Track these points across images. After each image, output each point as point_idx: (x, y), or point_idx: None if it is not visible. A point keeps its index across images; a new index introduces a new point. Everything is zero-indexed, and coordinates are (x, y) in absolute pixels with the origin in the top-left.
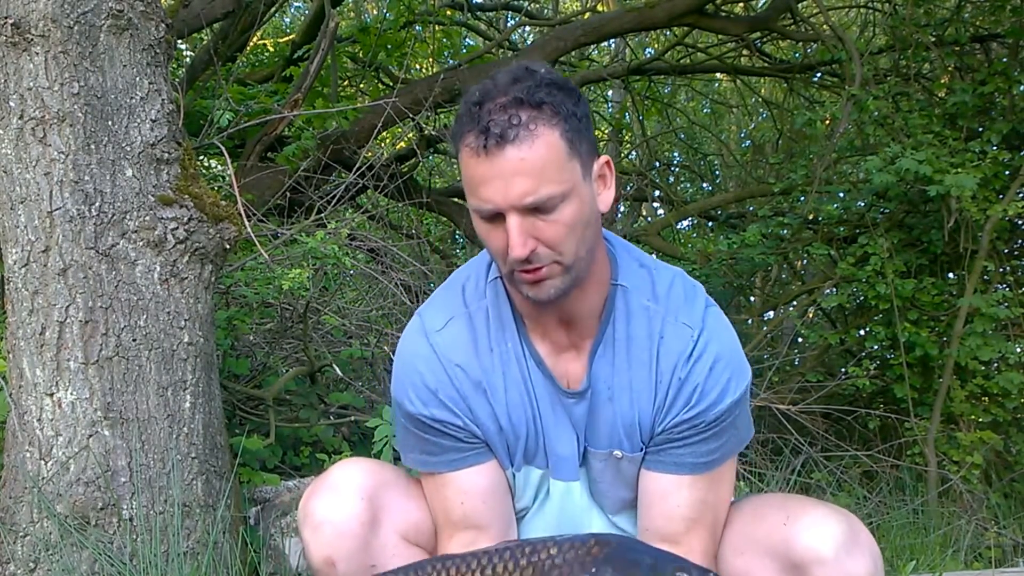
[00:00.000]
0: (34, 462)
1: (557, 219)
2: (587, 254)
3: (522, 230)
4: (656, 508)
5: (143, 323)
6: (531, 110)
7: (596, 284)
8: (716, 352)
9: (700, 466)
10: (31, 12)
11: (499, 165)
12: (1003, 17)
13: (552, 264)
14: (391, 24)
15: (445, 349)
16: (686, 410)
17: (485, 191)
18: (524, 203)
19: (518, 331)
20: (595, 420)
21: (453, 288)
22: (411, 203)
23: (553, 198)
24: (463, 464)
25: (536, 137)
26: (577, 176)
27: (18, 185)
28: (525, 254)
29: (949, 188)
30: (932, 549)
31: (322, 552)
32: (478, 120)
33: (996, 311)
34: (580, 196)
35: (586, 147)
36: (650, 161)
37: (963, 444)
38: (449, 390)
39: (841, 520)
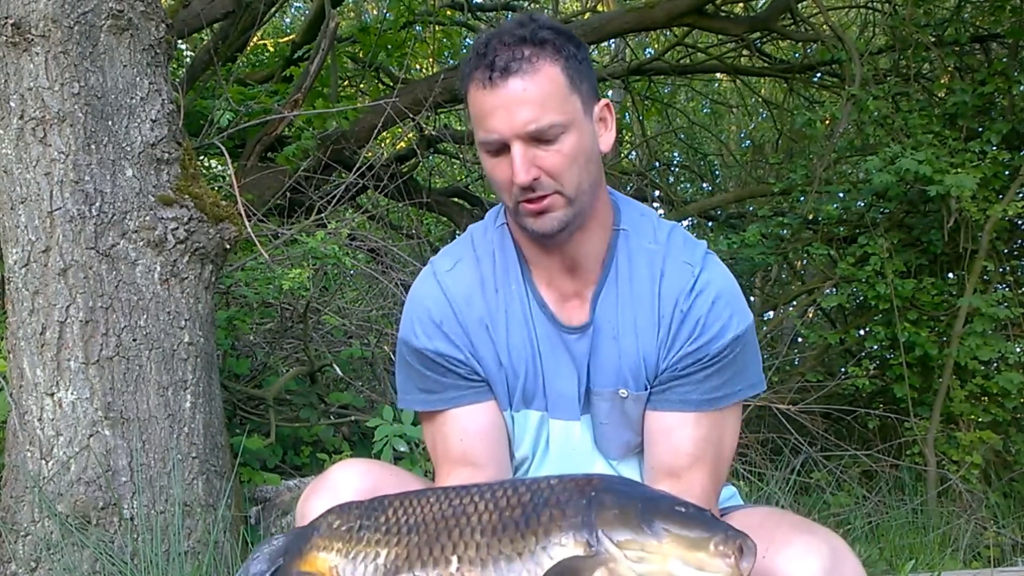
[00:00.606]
0: (35, 462)
1: (559, 149)
2: (589, 189)
3: (525, 158)
4: (660, 445)
5: (143, 323)
6: (534, 47)
7: (599, 227)
8: (717, 288)
9: (705, 403)
10: (31, 12)
11: (503, 95)
12: (1003, 17)
13: (554, 195)
14: (391, 24)
15: (451, 286)
16: (689, 343)
17: (491, 121)
18: (527, 130)
19: (523, 275)
20: (599, 359)
21: (464, 236)
22: (411, 203)
23: (555, 126)
24: (463, 401)
25: (538, 70)
26: (578, 110)
27: (18, 185)
28: (528, 180)
29: (949, 188)
30: (931, 548)
31: None
32: (485, 55)
33: (996, 311)
34: (581, 130)
35: (587, 87)
36: (650, 161)
37: (962, 444)
38: (453, 324)
39: (823, 552)
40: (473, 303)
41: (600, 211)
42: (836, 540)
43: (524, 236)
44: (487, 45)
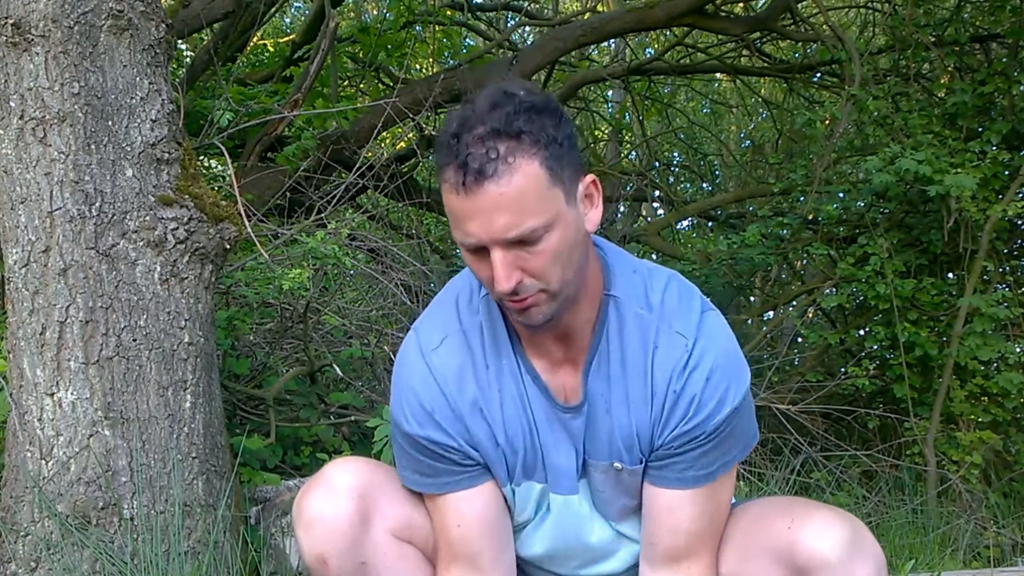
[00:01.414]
0: (35, 462)
1: (542, 249)
2: (575, 277)
3: (506, 263)
4: (660, 522)
5: (143, 323)
6: (509, 140)
7: (588, 298)
8: (712, 361)
9: (702, 478)
10: (31, 12)
11: (479, 201)
12: (1003, 17)
13: (539, 293)
14: (391, 24)
15: (441, 368)
16: (684, 422)
17: (468, 226)
18: (507, 237)
19: (513, 347)
20: (593, 432)
21: (447, 303)
22: (411, 203)
23: (536, 230)
24: (458, 487)
25: (515, 170)
26: (560, 204)
27: (18, 185)
28: (511, 287)
29: (949, 188)
30: (931, 548)
31: (314, 550)
32: (456, 154)
33: (996, 311)
34: (564, 223)
35: (569, 171)
36: (650, 161)
37: (962, 444)
38: (445, 411)
39: (845, 525)
40: (465, 385)
41: (589, 284)
42: (856, 519)
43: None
44: (459, 138)
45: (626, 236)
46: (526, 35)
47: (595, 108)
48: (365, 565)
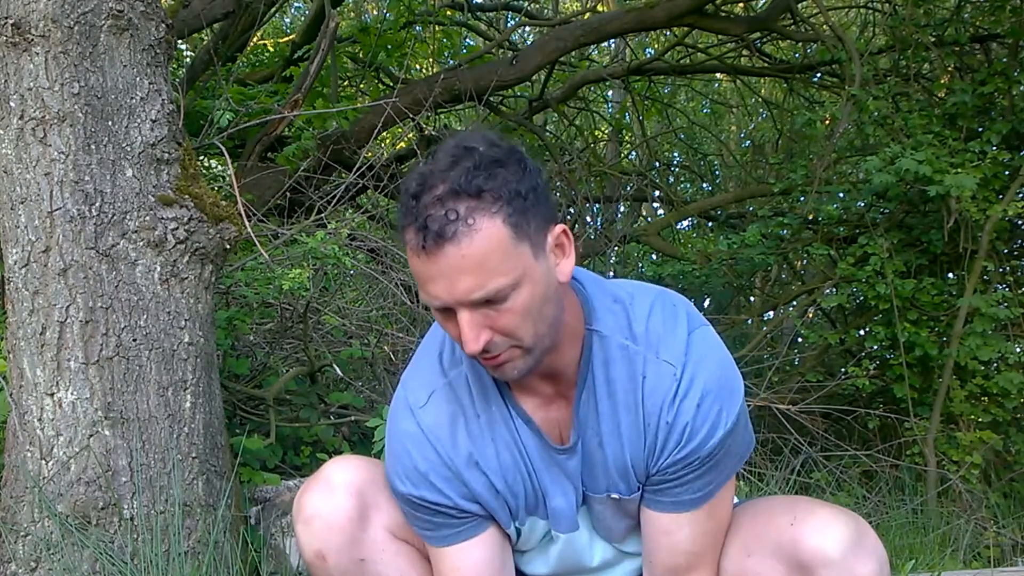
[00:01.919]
0: (35, 462)
1: (510, 308)
2: (549, 330)
3: (473, 324)
4: (659, 543)
5: (143, 323)
6: (469, 200)
7: (569, 338)
8: (703, 387)
9: (698, 500)
10: (31, 12)
11: (440, 264)
12: (1003, 17)
13: (511, 349)
14: (391, 24)
15: (432, 426)
16: (678, 450)
17: (431, 288)
18: (471, 299)
19: (500, 392)
20: (589, 467)
21: (430, 357)
22: None
23: (502, 290)
24: (456, 539)
25: (476, 231)
26: (527, 259)
27: (18, 185)
28: (478, 349)
29: (949, 188)
30: (931, 548)
31: (312, 546)
32: (416, 216)
33: (996, 311)
34: (532, 279)
35: (536, 224)
36: (650, 161)
37: (962, 444)
38: (440, 470)
39: (848, 522)
40: (458, 439)
41: (569, 325)
42: (857, 516)
43: None
44: (417, 199)
45: (626, 236)
46: (526, 35)
47: (595, 108)
48: (364, 562)
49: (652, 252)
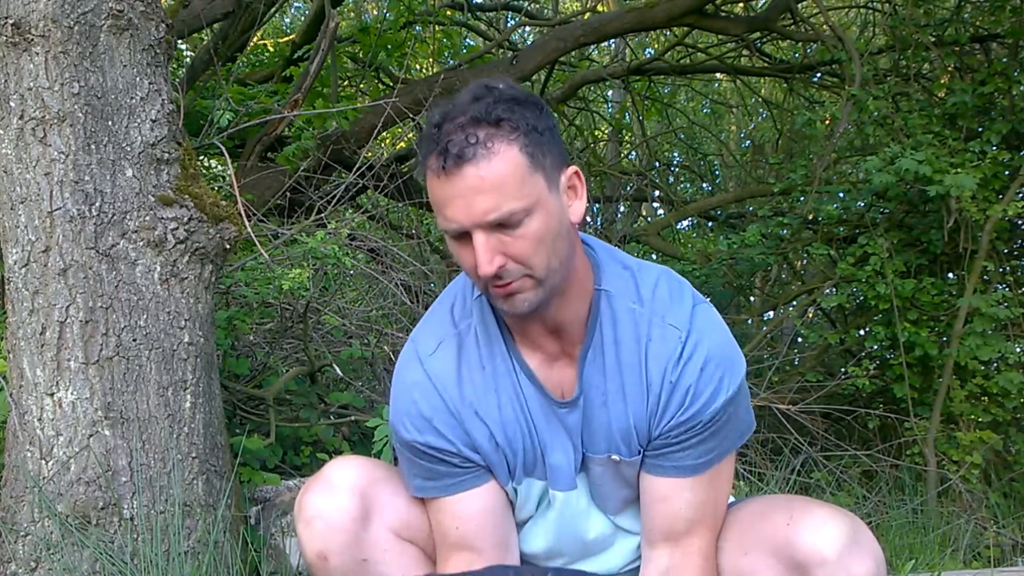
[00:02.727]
0: (35, 462)
1: (523, 234)
2: (560, 266)
3: (488, 247)
4: (658, 510)
5: (143, 323)
6: (488, 128)
7: (578, 291)
8: (706, 352)
9: (700, 466)
10: (31, 12)
11: (459, 184)
12: (1003, 17)
13: (523, 278)
14: (391, 24)
15: (438, 373)
16: (680, 413)
17: (449, 211)
18: (487, 220)
19: (507, 346)
20: (591, 426)
21: (442, 310)
22: (411, 203)
23: (516, 213)
24: (458, 488)
25: (494, 154)
26: (541, 190)
27: (18, 185)
28: (492, 271)
29: (949, 188)
30: (931, 548)
31: (314, 546)
32: (437, 141)
33: (996, 311)
34: (546, 209)
35: (551, 160)
36: (650, 161)
37: (963, 444)
38: (444, 416)
39: (844, 521)
40: (463, 388)
41: (578, 277)
42: (853, 515)
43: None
44: (440, 127)
45: (626, 236)
46: (526, 35)
47: (595, 108)
48: (366, 562)
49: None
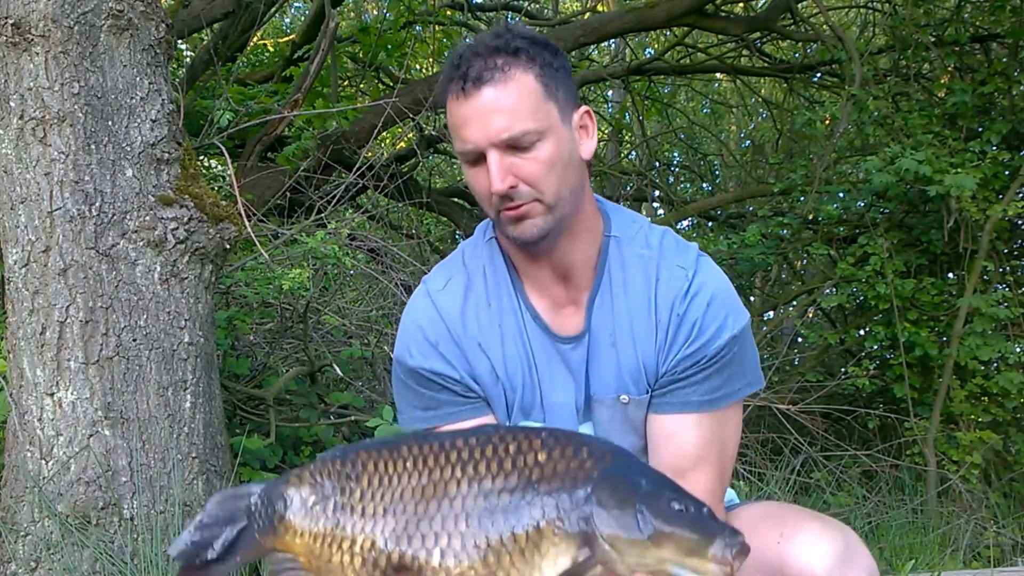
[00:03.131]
0: (35, 462)
1: (535, 156)
2: (570, 196)
3: (501, 166)
4: (664, 448)
5: (143, 323)
6: (507, 56)
7: (587, 233)
8: (712, 290)
9: (705, 404)
10: (31, 12)
11: (476, 105)
12: (1003, 17)
13: (533, 202)
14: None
15: (445, 305)
16: (687, 345)
17: (465, 131)
18: (501, 139)
19: (514, 286)
20: (598, 367)
21: (455, 254)
22: (411, 203)
23: (528, 134)
24: (459, 418)
25: (510, 79)
26: (554, 118)
27: (18, 185)
28: (504, 188)
29: (949, 188)
30: (931, 548)
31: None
32: (459, 67)
33: (996, 311)
34: (558, 137)
35: (564, 94)
36: (650, 161)
37: (962, 444)
38: (449, 344)
39: (836, 537)
40: (467, 321)
41: (586, 218)
42: (847, 529)
43: (512, 246)
44: (461, 57)
45: None
46: None
47: (595, 108)
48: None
49: None
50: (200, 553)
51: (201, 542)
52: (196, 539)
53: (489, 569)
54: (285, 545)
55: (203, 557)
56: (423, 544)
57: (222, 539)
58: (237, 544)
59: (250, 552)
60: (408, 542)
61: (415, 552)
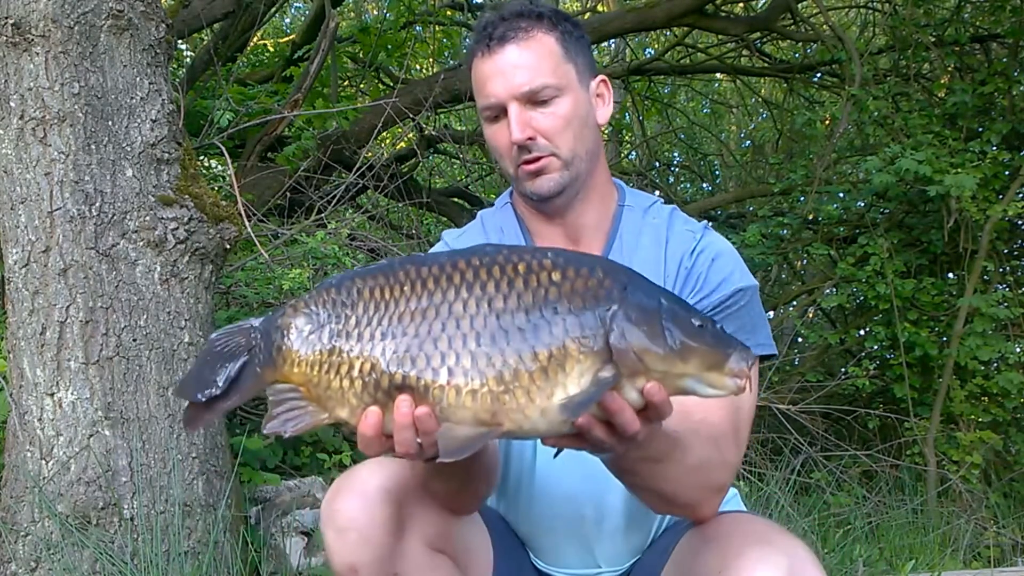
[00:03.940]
0: (35, 462)
1: (554, 111)
2: (586, 156)
3: (521, 118)
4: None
5: (143, 323)
6: (530, 20)
7: (600, 200)
8: (718, 249)
9: None
10: (31, 12)
11: (500, 60)
12: (1003, 17)
13: (550, 156)
14: (391, 24)
15: (460, 244)
16: (693, 295)
17: (488, 86)
18: (521, 91)
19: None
20: None
21: (474, 219)
22: (411, 203)
23: (548, 87)
24: None
25: (532, 38)
26: (572, 79)
27: (18, 185)
28: (523, 138)
29: (949, 188)
30: (931, 548)
31: (345, 558)
32: (484, 29)
33: (996, 311)
34: (576, 96)
35: (582, 60)
36: (650, 161)
37: (962, 444)
38: None
39: (779, 563)
40: None
41: (600, 183)
42: (797, 547)
43: (528, 208)
44: (488, 21)
45: None
46: None
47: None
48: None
49: None
50: (203, 389)
51: (203, 378)
52: (198, 375)
53: (505, 386)
54: (284, 376)
55: (207, 393)
56: (428, 364)
57: (224, 374)
58: (239, 379)
59: (252, 386)
60: (411, 363)
61: (419, 372)
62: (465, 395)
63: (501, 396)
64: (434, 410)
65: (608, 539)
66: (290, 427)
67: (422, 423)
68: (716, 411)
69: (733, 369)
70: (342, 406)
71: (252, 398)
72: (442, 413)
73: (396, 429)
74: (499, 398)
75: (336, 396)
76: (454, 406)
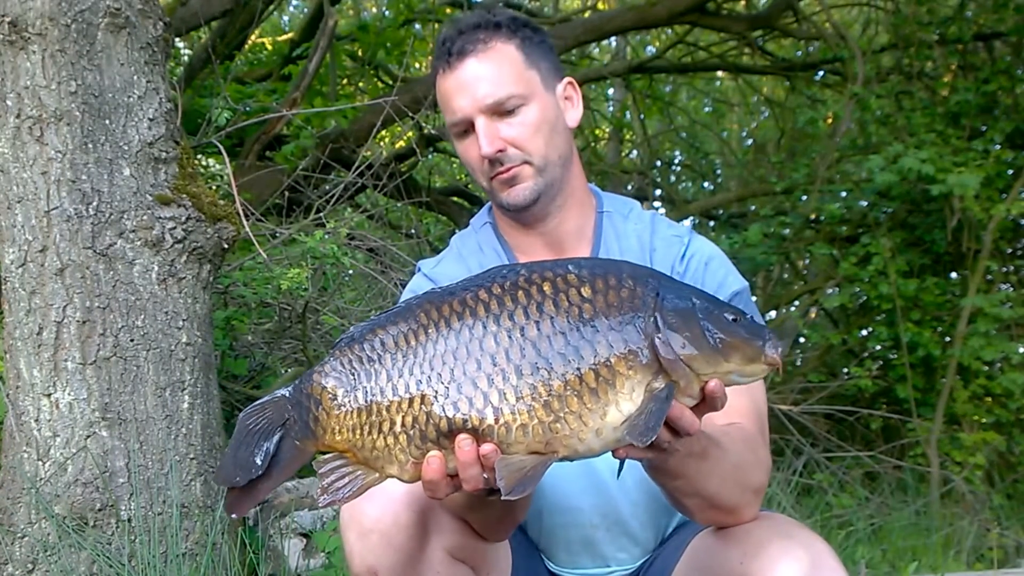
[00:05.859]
0: (32, 463)
1: (521, 120)
2: (559, 160)
3: (488, 131)
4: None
5: (141, 323)
6: (488, 30)
7: (578, 205)
8: (708, 253)
9: None
10: (28, 10)
11: (461, 76)
12: (1006, 15)
13: (522, 164)
14: (390, 22)
15: (438, 277)
16: None
17: (453, 102)
18: (486, 104)
19: (508, 259)
20: None
21: (448, 245)
22: (410, 202)
23: (513, 97)
24: None
25: (492, 48)
26: (536, 85)
27: (15, 184)
28: (492, 151)
29: (952, 187)
30: (934, 550)
31: (366, 561)
32: (444, 45)
33: (999, 311)
34: (542, 103)
35: (546, 65)
36: (651, 160)
37: (966, 445)
38: None
39: (800, 556)
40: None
41: (577, 188)
42: (817, 542)
43: (507, 222)
44: (446, 36)
45: None
46: None
47: (596, 107)
48: None
49: None
50: (243, 472)
51: (241, 460)
52: (235, 457)
53: (555, 415)
54: (327, 445)
55: (247, 475)
56: (471, 407)
57: (262, 453)
58: (279, 455)
59: (294, 460)
60: (455, 408)
61: (465, 417)
62: (516, 431)
63: (552, 425)
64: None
65: (617, 544)
66: (342, 496)
67: (487, 460)
68: (740, 415)
69: (768, 357)
70: (391, 463)
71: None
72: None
73: (462, 468)
74: (551, 427)
75: (384, 455)
76: (506, 442)
